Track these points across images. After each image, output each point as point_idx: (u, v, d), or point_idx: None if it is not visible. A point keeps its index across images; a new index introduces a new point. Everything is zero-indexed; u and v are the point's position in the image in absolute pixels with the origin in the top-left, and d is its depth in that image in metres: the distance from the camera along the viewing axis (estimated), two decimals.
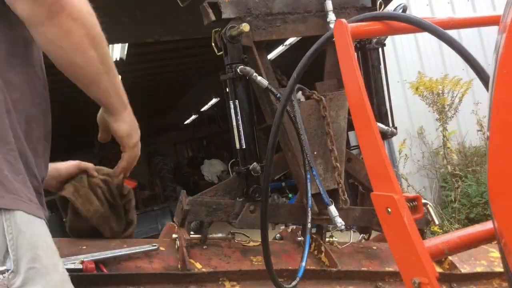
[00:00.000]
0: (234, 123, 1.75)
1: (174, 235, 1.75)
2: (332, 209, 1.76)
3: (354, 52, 1.11)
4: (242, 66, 1.71)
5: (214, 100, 15.30)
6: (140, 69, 11.18)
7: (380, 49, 2.00)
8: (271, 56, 9.03)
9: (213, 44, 1.79)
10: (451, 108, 6.19)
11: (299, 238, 1.92)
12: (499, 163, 0.79)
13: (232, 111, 1.74)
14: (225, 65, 1.76)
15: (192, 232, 1.82)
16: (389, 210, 1.04)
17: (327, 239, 2.00)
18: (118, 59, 8.38)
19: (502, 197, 0.79)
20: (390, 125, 2.03)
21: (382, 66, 2.02)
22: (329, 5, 1.86)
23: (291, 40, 8.42)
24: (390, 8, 2.04)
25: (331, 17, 1.85)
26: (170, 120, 19.01)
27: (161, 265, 1.69)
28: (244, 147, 1.75)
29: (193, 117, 18.81)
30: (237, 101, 1.74)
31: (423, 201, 1.26)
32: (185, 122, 19.95)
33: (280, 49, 9.22)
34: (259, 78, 1.73)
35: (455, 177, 6.06)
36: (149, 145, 18.25)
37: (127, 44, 7.84)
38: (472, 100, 6.40)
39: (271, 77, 1.85)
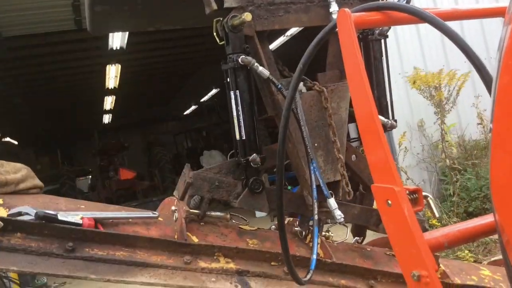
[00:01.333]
0: (235, 114, 1.73)
1: (173, 207, 1.76)
2: (332, 201, 1.76)
3: (357, 42, 1.10)
4: (243, 56, 1.70)
5: (214, 91, 15.26)
6: (141, 58, 11.13)
7: (382, 41, 1.99)
8: (272, 46, 8.99)
9: (214, 33, 1.78)
10: (448, 102, 6.18)
11: (296, 228, 1.93)
12: (502, 155, 0.78)
13: (233, 101, 1.73)
14: (227, 54, 1.74)
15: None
16: (389, 202, 1.03)
17: (323, 233, 2.00)
18: (118, 47, 8.36)
19: (504, 191, 0.79)
20: (390, 117, 2.02)
21: (384, 58, 2.01)
22: None
23: (292, 30, 8.38)
24: None
25: (334, 7, 1.83)
26: (170, 110, 18.97)
27: (158, 233, 1.71)
28: (244, 138, 1.74)
29: (193, 107, 18.78)
30: (237, 91, 1.72)
31: (424, 193, 1.25)
32: (185, 113, 19.91)
33: (281, 39, 9.18)
34: (260, 68, 1.71)
35: (454, 171, 6.05)
36: (149, 135, 18.18)
37: (127, 33, 7.80)
38: (473, 93, 6.39)
39: (273, 67, 1.84)
